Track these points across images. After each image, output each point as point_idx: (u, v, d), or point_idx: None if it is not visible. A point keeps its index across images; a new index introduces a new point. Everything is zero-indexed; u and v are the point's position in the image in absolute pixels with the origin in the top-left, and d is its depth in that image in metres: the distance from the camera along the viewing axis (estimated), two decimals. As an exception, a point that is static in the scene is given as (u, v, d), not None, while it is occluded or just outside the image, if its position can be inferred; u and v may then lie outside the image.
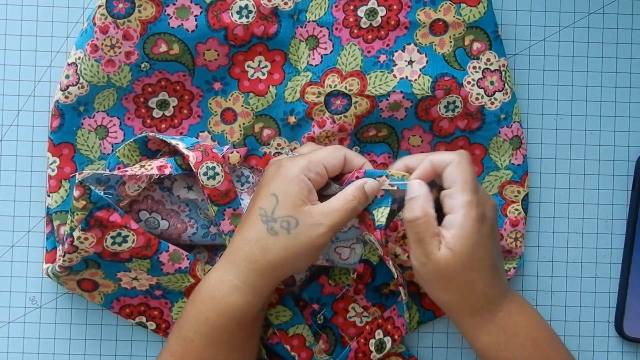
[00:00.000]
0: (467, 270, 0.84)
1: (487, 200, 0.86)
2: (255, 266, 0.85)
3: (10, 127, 0.94)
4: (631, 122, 0.96)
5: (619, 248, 0.96)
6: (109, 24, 0.91)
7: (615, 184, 0.96)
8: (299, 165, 0.86)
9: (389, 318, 0.92)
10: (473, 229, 0.84)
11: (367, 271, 0.92)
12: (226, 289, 0.85)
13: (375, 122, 0.93)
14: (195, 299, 0.87)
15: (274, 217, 0.85)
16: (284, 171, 0.86)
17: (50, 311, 0.95)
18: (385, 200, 0.88)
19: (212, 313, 0.85)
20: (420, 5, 0.93)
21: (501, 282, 0.87)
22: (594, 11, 0.96)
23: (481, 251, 0.85)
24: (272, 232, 0.85)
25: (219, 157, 0.89)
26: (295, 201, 0.85)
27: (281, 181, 0.86)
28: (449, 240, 0.84)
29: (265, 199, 0.86)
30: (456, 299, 0.86)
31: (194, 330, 0.86)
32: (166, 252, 0.89)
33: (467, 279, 0.85)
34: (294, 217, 0.85)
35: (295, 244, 0.85)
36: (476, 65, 0.93)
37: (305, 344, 0.92)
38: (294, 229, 0.85)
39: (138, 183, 0.88)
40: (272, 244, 0.85)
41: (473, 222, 0.84)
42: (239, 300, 0.85)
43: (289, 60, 0.93)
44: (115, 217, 0.86)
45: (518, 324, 0.86)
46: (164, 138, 0.90)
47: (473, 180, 0.86)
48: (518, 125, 0.94)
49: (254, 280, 0.86)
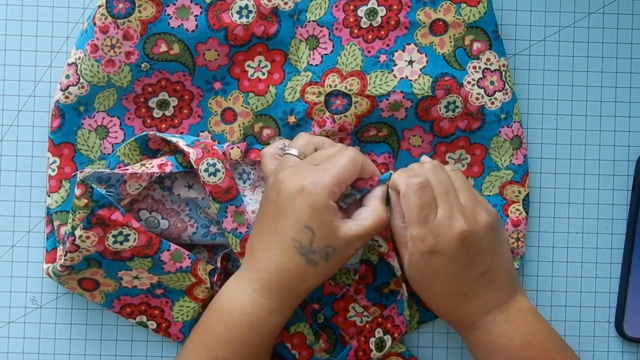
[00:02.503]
0: (424, 293, 0.88)
1: (443, 232, 0.85)
2: (294, 293, 0.86)
3: (11, 127, 0.94)
4: (631, 122, 0.96)
5: (619, 248, 0.96)
6: (109, 24, 0.91)
7: (615, 184, 0.96)
8: (325, 192, 0.84)
9: (388, 317, 0.92)
10: (419, 262, 0.86)
11: (368, 271, 0.92)
12: (265, 312, 0.86)
13: (375, 122, 0.93)
14: (228, 320, 0.86)
15: (312, 249, 0.85)
16: (312, 200, 0.84)
17: (50, 311, 0.95)
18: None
19: (251, 334, 0.86)
20: (420, 5, 0.93)
21: (477, 304, 0.87)
22: (594, 11, 0.96)
23: (434, 282, 0.86)
24: (312, 263, 0.85)
25: (220, 154, 0.89)
26: (330, 231, 0.85)
27: (312, 212, 0.84)
28: (406, 264, 0.87)
29: (299, 231, 0.84)
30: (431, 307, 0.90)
31: (229, 350, 0.86)
32: (167, 251, 0.89)
33: (427, 298, 0.88)
34: (332, 246, 0.85)
35: (332, 268, 0.86)
36: (476, 65, 0.93)
37: (305, 343, 0.92)
38: (332, 256, 0.85)
39: (139, 181, 0.88)
40: (312, 274, 0.86)
41: (419, 256, 0.86)
42: (278, 320, 0.87)
43: (289, 60, 0.93)
44: (117, 215, 0.86)
45: (496, 345, 0.87)
46: (164, 136, 0.90)
47: (419, 212, 0.85)
48: (518, 125, 0.94)
49: (292, 302, 0.87)
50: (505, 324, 0.87)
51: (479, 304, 0.87)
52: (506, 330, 0.87)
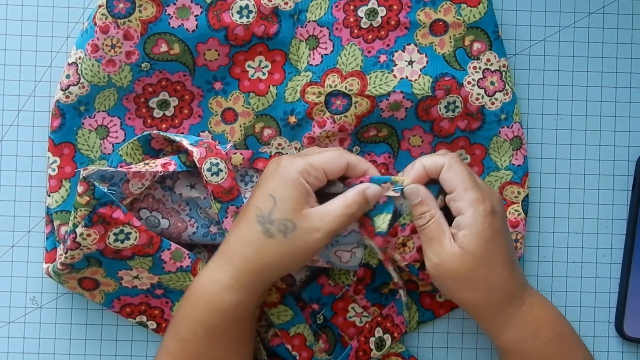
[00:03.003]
0: (483, 267, 0.84)
1: (492, 194, 0.86)
2: (249, 267, 0.85)
3: (11, 127, 0.94)
4: (631, 122, 0.96)
5: (619, 248, 0.96)
6: (109, 24, 0.91)
7: (615, 184, 0.96)
8: (298, 168, 0.85)
9: (387, 316, 0.92)
10: (484, 225, 0.84)
11: (367, 274, 0.92)
12: (220, 288, 0.85)
13: (375, 122, 0.93)
14: (190, 297, 0.86)
15: (270, 219, 0.84)
16: (283, 172, 0.85)
17: (50, 311, 0.95)
18: (387, 206, 0.88)
19: (206, 312, 0.85)
20: (421, 5, 0.93)
21: (519, 275, 0.87)
22: (594, 11, 0.96)
23: (495, 246, 0.85)
24: (269, 234, 0.84)
25: (223, 154, 0.89)
26: (293, 205, 0.84)
27: (280, 182, 0.85)
28: (462, 240, 0.84)
29: (262, 199, 0.85)
30: (477, 298, 0.86)
31: (190, 329, 0.85)
32: (168, 250, 0.89)
33: (483, 276, 0.85)
34: (291, 220, 0.84)
35: (292, 248, 0.84)
36: (476, 66, 0.93)
37: (305, 344, 0.92)
38: (290, 232, 0.84)
39: (142, 181, 0.88)
40: (268, 247, 0.84)
41: (483, 218, 0.84)
42: (232, 299, 0.85)
43: (289, 60, 0.93)
44: (119, 213, 0.86)
45: (542, 317, 0.86)
46: (168, 136, 0.90)
47: (471, 177, 0.86)
48: (518, 126, 0.94)
49: (248, 280, 0.85)
50: (540, 296, 0.87)
51: (521, 274, 0.87)
52: (543, 302, 0.87)
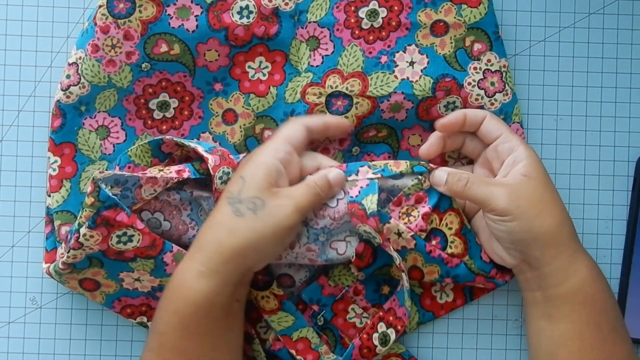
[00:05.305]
0: (553, 191, 0.88)
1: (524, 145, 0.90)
2: (220, 249, 0.84)
3: (11, 127, 0.94)
4: (631, 122, 0.96)
5: (619, 248, 0.96)
6: (109, 24, 0.91)
7: (615, 184, 0.96)
8: (268, 148, 0.87)
9: (389, 309, 0.92)
10: (539, 159, 0.88)
11: (367, 251, 0.91)
12: (192, 277, 0.84)
13: (375, 123, 0.93)
14: (166, 290, 0.86)
15: (240, 198, 0.84)
16: (254, 156, 0.87)
17: (50, 311, 0.95)
18: (370, 188, 0.88)
19: (180, 302, 0.84)
20: (421, 6, 0.93)
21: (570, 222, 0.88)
22: (594, 12, 0.96)
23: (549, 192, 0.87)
24: (238, 213, 0.84)
25: (235, 164, 0.89)
26: (262, 183, 0.85)
27: (250, 165, 0.86)
28: (524, 171, 0.87)
29: (233, 182, 0.86)
30: (556, 222, 0.86)
31: (166, 322, 0.84)
32: (170, 253, 0.89)
33: (556, 198, 0.87)
34: (260, 197, 0.85)
35: (262, 224, 0.84)
36: (477, 66, 0.93)
37: (310, 347, 0.92)
38: (260, 209, 0.84)
39: (154, 187, 0.88)
40: (238, 226, 0.84)
41: (537, 163, 0.88)
42: (204, 287, 0.84)
43: (289, 61, 0.93)
44: (122, 216, 0.86)
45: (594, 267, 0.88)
46: (181, 141, 0.90)
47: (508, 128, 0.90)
48: (518, 126, 0.94)
49: (220, 266, 0.84)
50: None
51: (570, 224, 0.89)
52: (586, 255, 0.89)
